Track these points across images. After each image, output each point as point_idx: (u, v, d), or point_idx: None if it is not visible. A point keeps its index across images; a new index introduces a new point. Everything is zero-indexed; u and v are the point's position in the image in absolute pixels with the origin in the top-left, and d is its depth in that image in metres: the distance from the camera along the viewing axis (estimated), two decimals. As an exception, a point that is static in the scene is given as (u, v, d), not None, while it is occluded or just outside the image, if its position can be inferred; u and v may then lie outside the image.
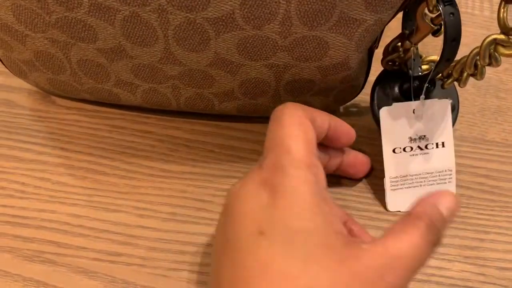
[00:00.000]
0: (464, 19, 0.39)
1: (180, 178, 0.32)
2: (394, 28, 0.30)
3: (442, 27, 0.27)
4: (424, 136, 0.30)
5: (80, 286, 0.28)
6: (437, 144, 0.30)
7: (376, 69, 0.32)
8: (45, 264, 0.29)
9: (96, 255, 0.29)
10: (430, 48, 0.38)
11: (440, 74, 0.30)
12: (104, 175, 0.32)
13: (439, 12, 0.26)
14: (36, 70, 0.31)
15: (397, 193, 0.31)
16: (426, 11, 0.27)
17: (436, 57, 0.33)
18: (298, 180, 0.21)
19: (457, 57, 0.28)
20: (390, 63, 0.31)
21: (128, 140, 0.34)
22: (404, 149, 0.30)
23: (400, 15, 0.28)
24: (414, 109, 0.30)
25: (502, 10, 0.25)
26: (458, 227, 0.31)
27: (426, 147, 0.30)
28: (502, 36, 0.25)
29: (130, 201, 0.31)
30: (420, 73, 0.31)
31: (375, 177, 0.32)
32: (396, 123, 0.30)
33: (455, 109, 0.33)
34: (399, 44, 0.30)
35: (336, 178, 0.32)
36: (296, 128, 0.23)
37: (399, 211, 0.31)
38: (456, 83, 0.30)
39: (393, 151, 0.30)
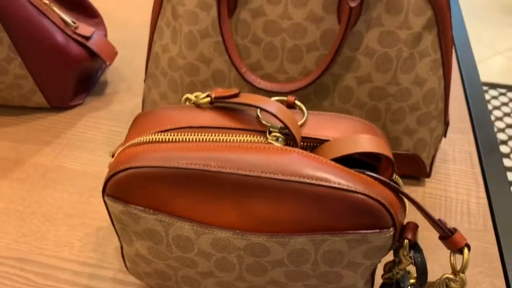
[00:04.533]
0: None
1: None
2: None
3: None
4: None
5: None
6: None
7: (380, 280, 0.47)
8: None
9: None
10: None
11: (421, 290, 0.44)
12: None
13: (411, 255, 0.41)
14: (151, 277, 0.48)
15: None
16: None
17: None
18: None
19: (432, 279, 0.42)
20: (387, 279, 0.46)
21: (207, 327, 0.48)
22: None
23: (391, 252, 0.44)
24: None
25: (452, 257, 0.40)
26: None
27: None
28: (452, 276, 0.40)
29: None
30: (409, 287, 0.46)
31: None
32: None
33: (437, 311, 0.46)
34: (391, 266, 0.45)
35: None
36: None
37: None
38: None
39: None
